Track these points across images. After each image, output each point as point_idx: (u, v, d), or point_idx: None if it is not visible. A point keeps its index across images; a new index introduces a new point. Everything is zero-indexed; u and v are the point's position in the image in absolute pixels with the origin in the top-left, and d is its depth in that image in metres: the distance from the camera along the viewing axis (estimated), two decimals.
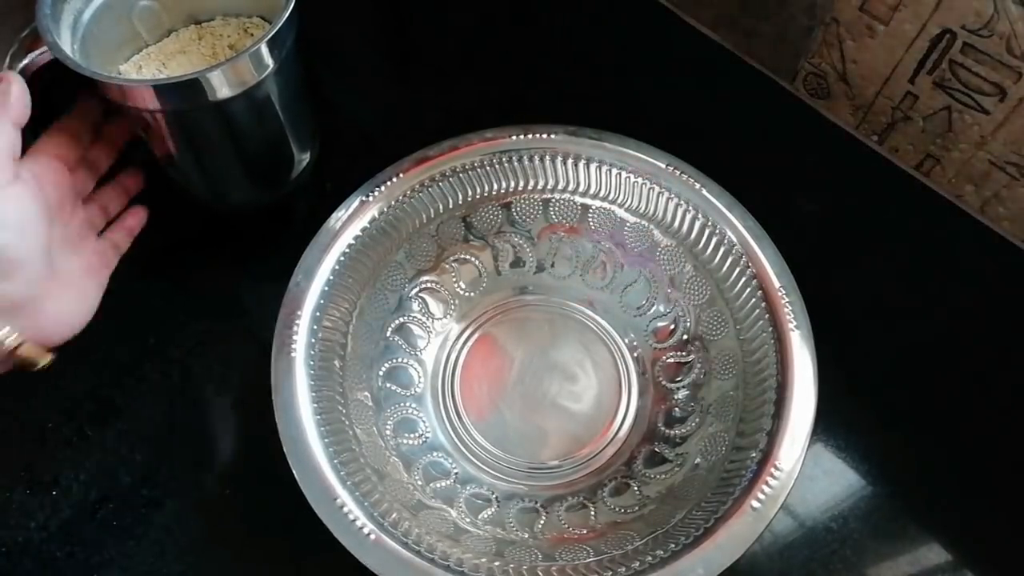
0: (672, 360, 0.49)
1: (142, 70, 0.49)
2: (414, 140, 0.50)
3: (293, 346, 0.42)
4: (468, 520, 0.43)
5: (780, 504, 0.38)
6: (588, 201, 0.50)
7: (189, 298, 0.53)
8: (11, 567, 0.44)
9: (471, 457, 0.46)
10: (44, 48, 0.41)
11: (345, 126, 0.60)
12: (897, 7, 0.48)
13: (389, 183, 0.48)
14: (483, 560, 0.39)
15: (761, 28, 0.57)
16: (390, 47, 0.67)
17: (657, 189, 0.48)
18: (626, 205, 0.49)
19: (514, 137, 0.49)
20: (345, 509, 0.38)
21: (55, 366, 0.43)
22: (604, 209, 0.50)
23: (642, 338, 0.50)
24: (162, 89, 0.41)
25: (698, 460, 0.44)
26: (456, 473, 0.45)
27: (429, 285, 0.50)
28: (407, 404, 0.47)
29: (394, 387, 0.47)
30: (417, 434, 0.46)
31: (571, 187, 0.50)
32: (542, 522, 0.44)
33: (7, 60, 0.44)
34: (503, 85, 0.63)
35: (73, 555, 0.45)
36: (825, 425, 0.46)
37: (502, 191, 0.50)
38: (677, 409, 0.47)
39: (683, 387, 0.48)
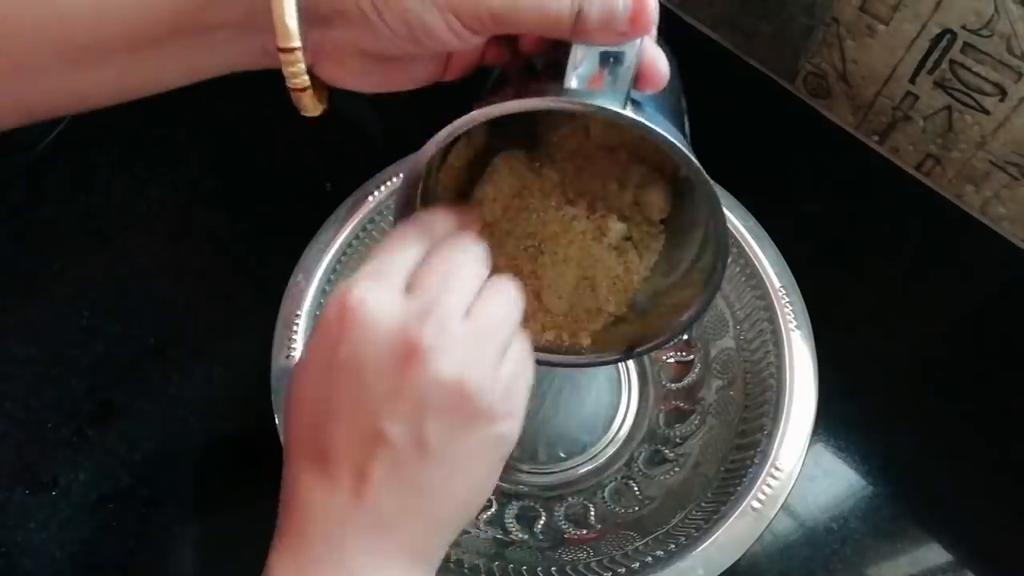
0: (672, 360, 0.49)
1: None
2: (414, 140, 0.50)
3: (293, 346, 0.42)
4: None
5: (780, 504, 0.38)
6: None
7: (189, 298, 0.53)
8: (11, 567, 0.44)
9: None
10: None
11: (345, 126, 0.60)
12: (897, 7, 0.48)
13: (389, 183, 0.48)
14: (483, 560, 0.39)
15: (761, 28, 0.57)
16: None
17: None
18: None
19: None
20: None
21: (54, 367, 0.43)
22: None
23: None
24: None
25: (698, 460, 0.44)
26: None
27: None
28: None
29: None
30: None
31: None
32: (542, 522, 0.44)
33: None
34: None
35: (73, 555, 0.45)
36: (825, 425, 0.46)
37: None
38: (677, 409, 0.47)
39: (683, 387, 0.47)
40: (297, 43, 0.26)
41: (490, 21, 0.25)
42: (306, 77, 0.28)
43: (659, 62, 0.27)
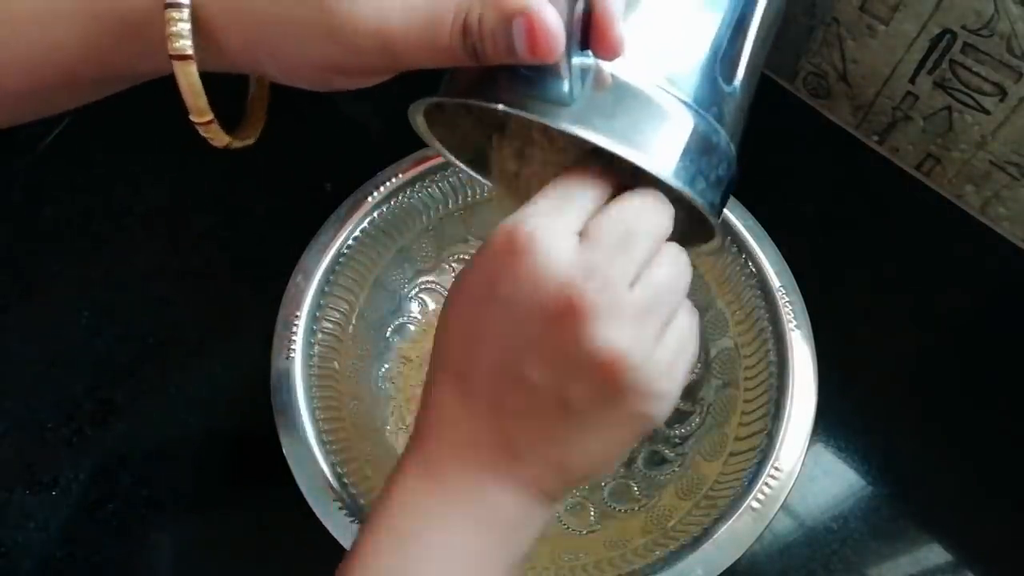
0: None
1: None
2: (414, 140, 0.50)
3: (292, 347, 0.42)
4: None
5: (780, 504, 0.38)
6: None
7: (188, 298, 0.53)
8: (11, 567, 0.44)
9: None
10: None
11: (345, 126, 0.60)
12: (897, 7, 0.48)
13: (389, 183, 0.48)
14: None
15: None
16: None
17: None
18: None
19: None
20: (344, 510, 0.38)
21: (54, 367, 0.43)
22: None
23: None
24: None
25: (698, 460, 0.44)
26: None
27: (429, 285, 0.50)
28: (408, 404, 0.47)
29: (394, 387, 0.47)
30: None
31: None
32: None
33: None
34: None
35: (73, 555, 0.45)
36: (825, 425, 0.46)
37: None
38: (677, 409, 0.47)
39: (683, 387, 0.47)
40: (209, 116, 0.27)
41: (385, 70, 0.25)
42: (226, 138, 0.28)
43: (610, 28, 0.23)
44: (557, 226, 0.24)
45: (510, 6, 0.22)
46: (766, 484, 0.39)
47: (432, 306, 0.50)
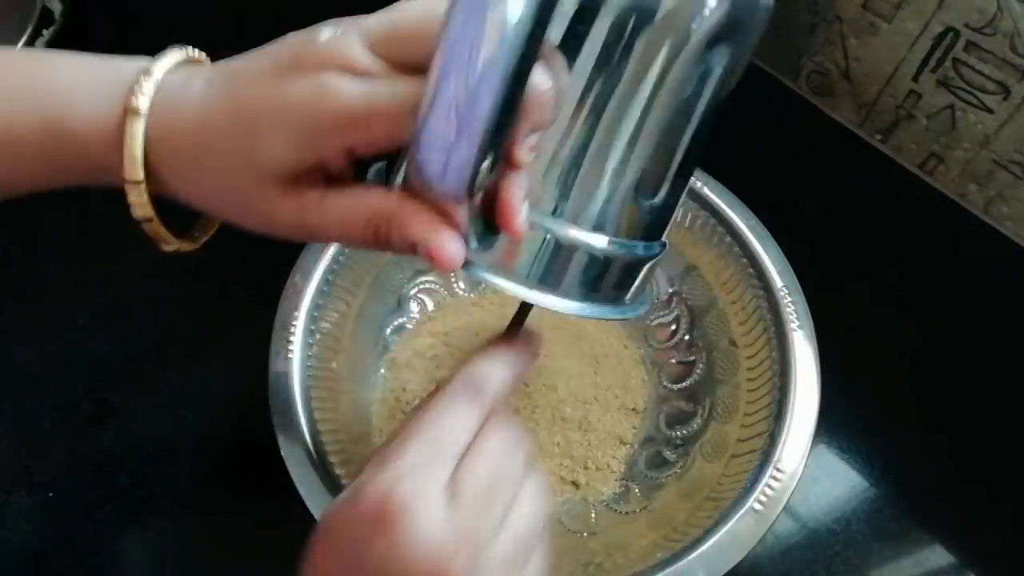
0: (673, 361, 0.48)
1: None
2: None
3: (291, 347, 0.42)
4: None
5: (782, 506, 0.38)
6: None
7: (186, 298, 0.53)
8: (10, 568, 0.44)
9: None
10: None
11: None
12: (900, 5, 0.48)
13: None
14: None
15: None
16: None
17: None
18: None
19: None
20: None
21: (52, 368, 0.42)
22: None
23: (643, 339, 0.49)
24: None
25: (699, 462, 0.43)
26: None
27: (428, 285, 0.50)
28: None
29: None
30: None
31: None
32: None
33: None
34: None
35: (72, 555, 0.45)
36: (827, 426, 0.46)
37: None
38: (678, 410, 0.47)
39: (684, 388, 0.47)
40: (175, 245, 0.33)
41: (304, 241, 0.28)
42: (176, 244, 0.34)
43: (513, 216, 0.24)
44: (425, 489, 0.25)
45: (412, 236, 0.25)
46: (768, 485, 0.38)
47: (431, 306, 0.50)
